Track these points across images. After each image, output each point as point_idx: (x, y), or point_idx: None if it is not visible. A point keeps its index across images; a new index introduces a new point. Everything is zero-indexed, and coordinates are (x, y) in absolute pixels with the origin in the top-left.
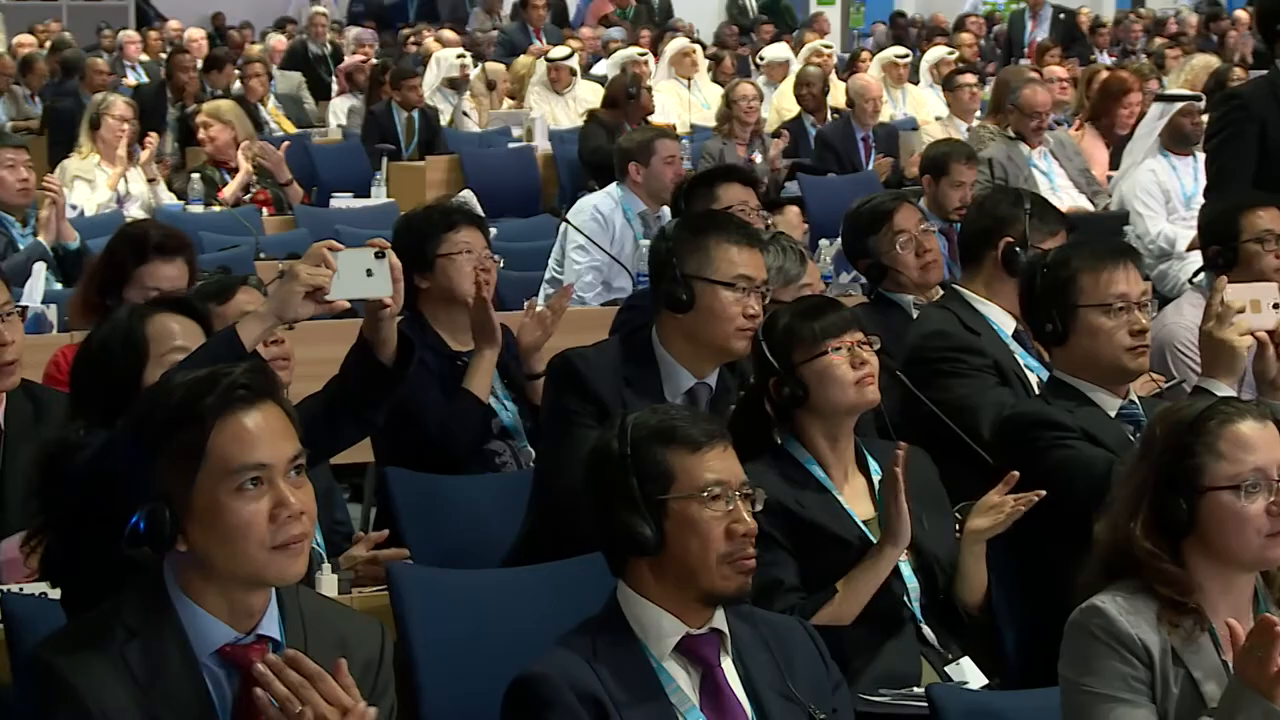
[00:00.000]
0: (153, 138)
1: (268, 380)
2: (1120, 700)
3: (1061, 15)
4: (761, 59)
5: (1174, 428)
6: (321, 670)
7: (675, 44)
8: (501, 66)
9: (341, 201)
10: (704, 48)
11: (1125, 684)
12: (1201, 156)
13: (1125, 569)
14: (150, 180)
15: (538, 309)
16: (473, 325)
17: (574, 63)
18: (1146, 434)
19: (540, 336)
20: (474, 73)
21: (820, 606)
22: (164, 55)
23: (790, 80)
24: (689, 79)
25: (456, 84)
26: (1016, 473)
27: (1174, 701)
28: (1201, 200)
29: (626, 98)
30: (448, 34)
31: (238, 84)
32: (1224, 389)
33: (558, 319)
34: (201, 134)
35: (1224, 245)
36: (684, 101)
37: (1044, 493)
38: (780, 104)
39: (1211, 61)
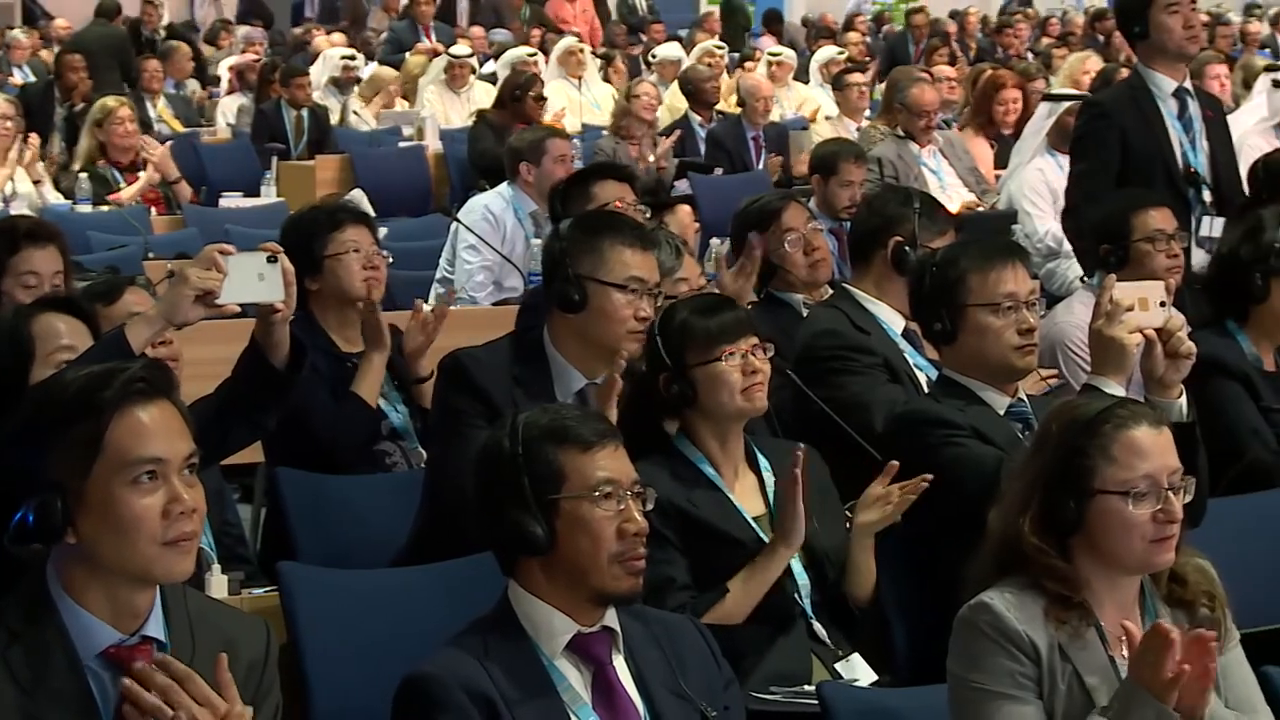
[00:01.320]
0: (33, 138)
1: (165, 378)
2: (1008, 697)
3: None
4: (654, 57)
5: (1069, 427)
6: (190, 671)
7: (563, 44)
8: (391, 71)
9: (231, 201)
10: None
11: (1013, 681)
12: None
13: (1014, 564)
14: (36, 181)
15: (422, 313)
16: (363, 329)
17: (474, 61)
18: (1041, 430)
19: (423, 342)
20: (365, 72)
21: (712, 605)
22: (46, 53)
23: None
24: (579, 79)
25: (341, 84)
26: (896, 463)
27: (1061, 698)
28: None
29: (515, 98)
30: (336, 36)
31: None
32: (1113, 387)
33: (439, 324)
34: (108, 130)
35: (1115, 244)
36: (574, 102)
37: (930, 477)
38: (672, 103)
39: (1091, 58)
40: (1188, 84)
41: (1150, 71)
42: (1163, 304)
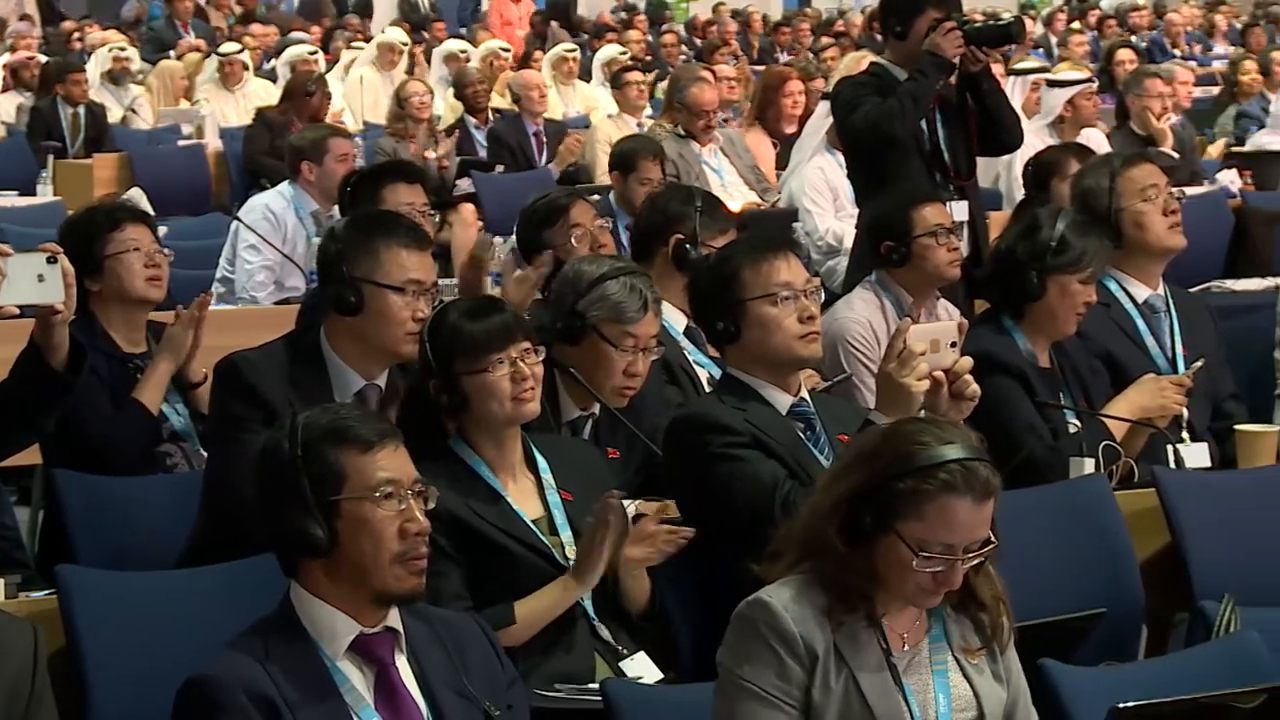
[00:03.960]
0: None
1: None
2: (765, 701)
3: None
4: (446, 47)
5: (899, 460)
6: None
7: (382, 37)
8: (177, 64)
9: (5, 200)
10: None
11: (776, 686)
12: None
13: (810, 556)
14: None
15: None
16: (167, 335)
17: (245, 58)
18: (872, 443)
19: (186, 337)
20: (136, 67)
21: (495, 629)
22: None
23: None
24: (390, 73)
25: (115, 77)
26: (672, 503)
27: (834, 699)
28: None
29: (304, 95)
30: (112, 32)
31: None
32: None
33: (192, 326)
34: None
35: (896, 241)
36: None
37: (692, 533)
38: (454, 101)
39: (867, 57)
40: None
41: (894, 66)
42: (954, 344)
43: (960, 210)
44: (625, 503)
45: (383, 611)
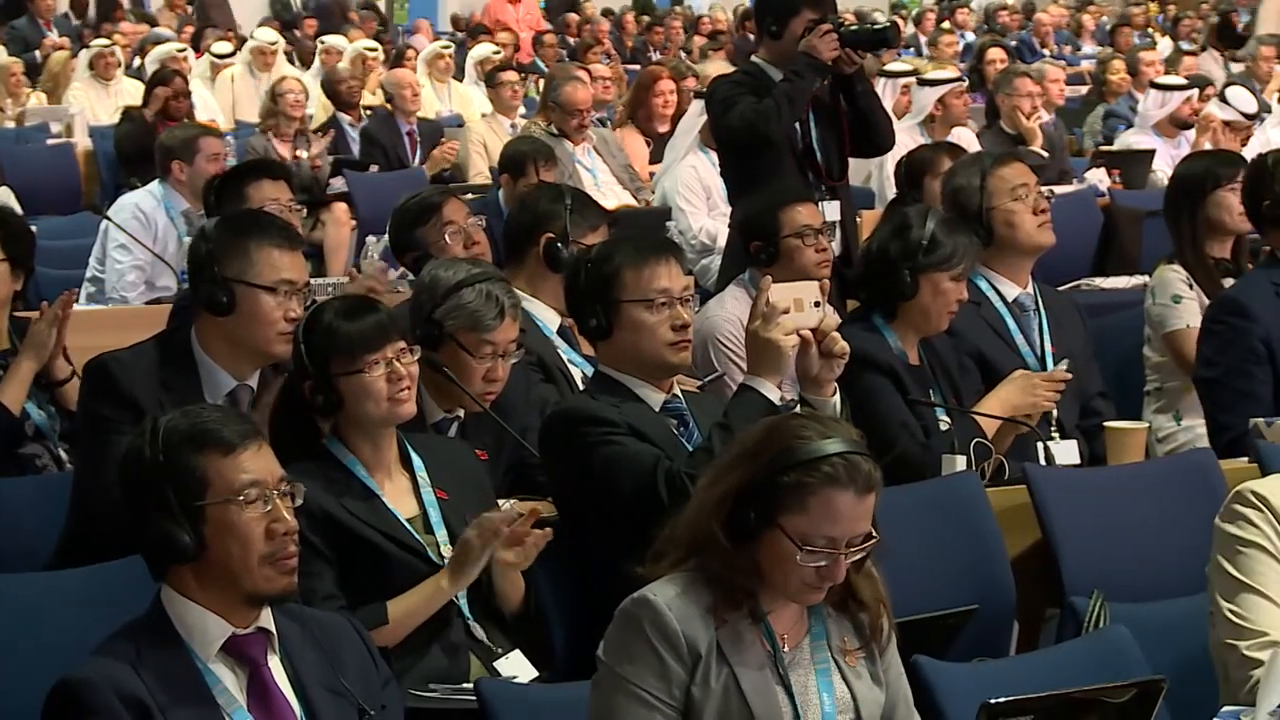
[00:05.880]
0: None
1: None
2: (643, 701)
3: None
4: (322, 43)
5: (783, 455)
6: None
7: (254, 41)
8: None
9: None
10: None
11: (657, 684)
12: None
13: (696, 553)
14: None
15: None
16: (31, 332)
17: (117, 54)
18: (757, 439)
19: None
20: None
21: (370, 629)
22: None
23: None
24: (266, 74)
25: None
26: (540, 506)
27: (714, 697)
28: None
29: (173, 95)
30: None
31: None
32: (769, 387)
33: (56, 324)
34: None
35: (765, 241)
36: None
37: (550, 532)
38: (326, 100)
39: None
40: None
41: (769, 65)
42: (817, 303)
43: (832, 210)
44: (500, 502)
45: (254, 612)
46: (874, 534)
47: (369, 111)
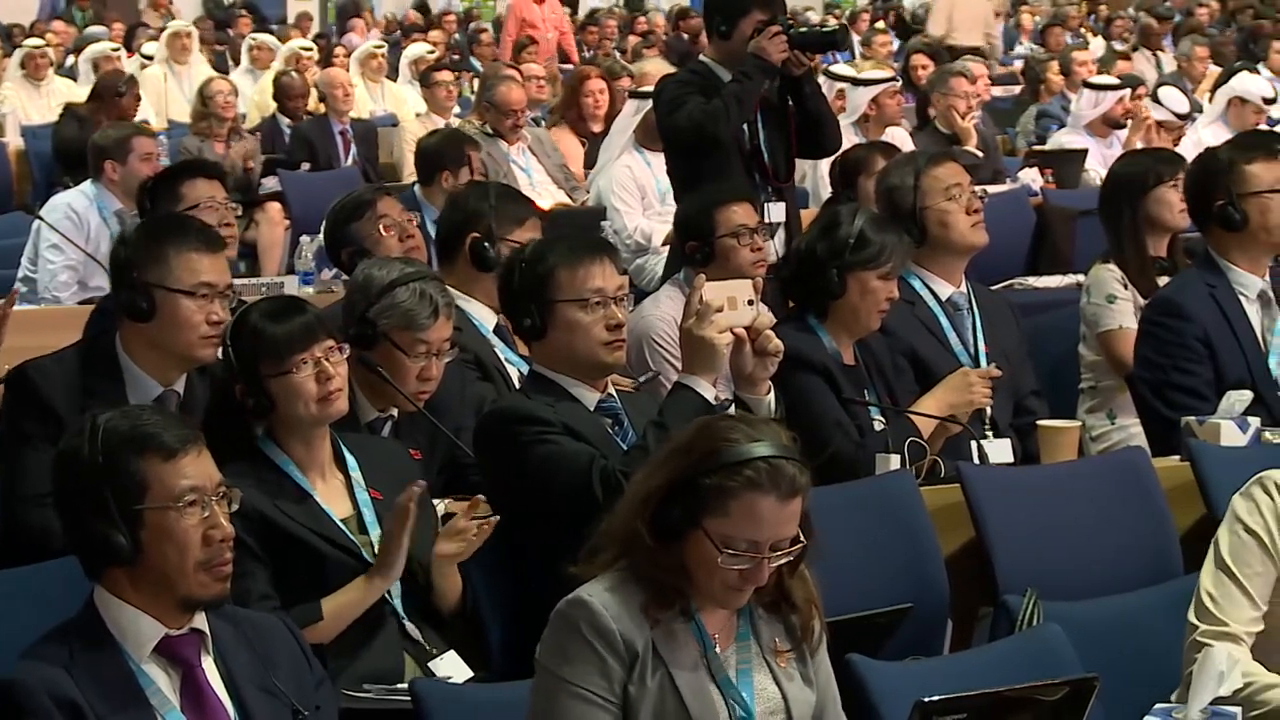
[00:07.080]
0: None
1: None
2: (586, 700)
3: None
4: (254, 39)
5: (708, 457)
6: None
7: (173, 27)
8: None
9: None
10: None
11: (597, 683)
12: None
13: (622, 554)
14: None
15: None
16: None
17: (49, 54)
18: (688, 439)
19: None
20: None
21: (302, 627)
22: None
23: (270, 75)
24: (183, 65)
25: None
26: (482, 497)
27: (649, 696)
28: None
29: (119, 93)
30: None
31: None
32: (705, 386)
33: (4, 325)
34: None
35: (701, 241)
36: (172, 91)
37: (497, 518)
38: (261, 100)
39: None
40: None
41: (717, 65)
42: (750, 302)
43: (778, 212)
44: (435, 502)
45: (188, 614)
46: (800, 538)
47: (308, 115)
